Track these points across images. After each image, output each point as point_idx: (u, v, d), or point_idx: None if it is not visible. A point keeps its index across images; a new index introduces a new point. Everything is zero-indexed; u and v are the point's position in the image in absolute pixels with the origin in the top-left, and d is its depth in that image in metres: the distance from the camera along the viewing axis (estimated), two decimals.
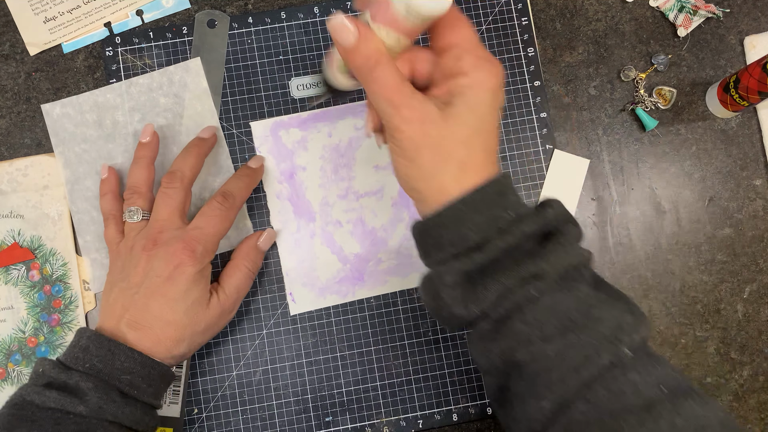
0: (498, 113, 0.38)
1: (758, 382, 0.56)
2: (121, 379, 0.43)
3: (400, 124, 0.37)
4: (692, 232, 0.57)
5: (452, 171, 0.37)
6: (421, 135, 0.37)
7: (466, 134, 0.37)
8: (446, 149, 0.37)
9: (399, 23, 0.36)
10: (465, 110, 0.37)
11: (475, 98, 0.37)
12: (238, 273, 0.50)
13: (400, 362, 0.54)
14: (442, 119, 0.37)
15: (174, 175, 0.49)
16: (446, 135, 0.37)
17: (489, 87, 0.37)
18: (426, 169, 0.37)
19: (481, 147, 0.37)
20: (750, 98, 0.53)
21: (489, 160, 0.38)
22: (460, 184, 0.37)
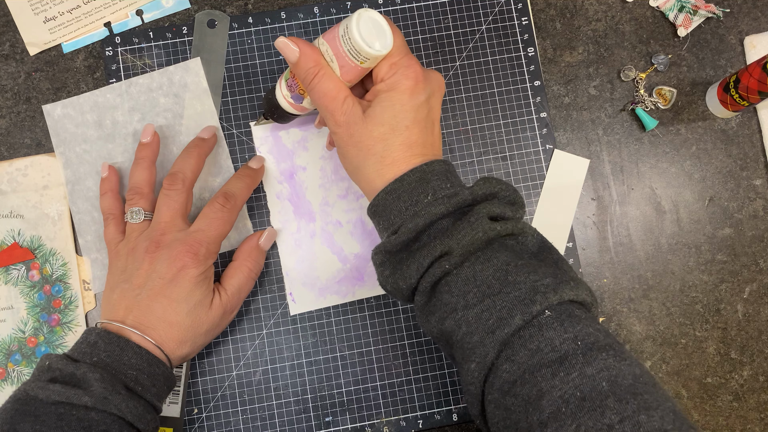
0: (420, 111, 0.42)
1: (758, 382, 0.56)
2: (128, 374, 0.43)
3: (333, 126, 0.43)
4: (692, 232, 0.57)
5: (373, 164, 0.43)
6: (347, 135, 0.43)
7: (381, 132, 0.42)
8: (365, 146, 0.42)
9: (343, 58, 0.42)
10: (380, 111, 0.42)
11: (388, 100, 0.42)
12: (239, 273, 0.50)
13: (400, 362, 0.54)
14: (362, 120, 0.42)
15: (175, 176, 0.49)
16: (365, 134, 0.42)
17: (402, 89, 0.42)
18: (354, 164, 0.44)
19: (400, 142, 0.42)
20: (750, 98, 0.53)
21: (411, 152, 0.42)
22: (382, 176, 0.42)
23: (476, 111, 0.57)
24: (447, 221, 0.41)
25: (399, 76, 0.42)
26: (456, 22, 0.58)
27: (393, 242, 0.41)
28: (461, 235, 0.39)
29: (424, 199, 0.41)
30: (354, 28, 0.40)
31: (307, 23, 0.57)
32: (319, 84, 0.42)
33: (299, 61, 0.43)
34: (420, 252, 0.40)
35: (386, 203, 0.42)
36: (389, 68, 0.42)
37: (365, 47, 0.40)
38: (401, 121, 0.42)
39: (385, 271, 0.42)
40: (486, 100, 0.57)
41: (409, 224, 0.40)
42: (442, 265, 0.39)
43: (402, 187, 0.41)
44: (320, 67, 0.42)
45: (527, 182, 0.57)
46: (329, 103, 0.43)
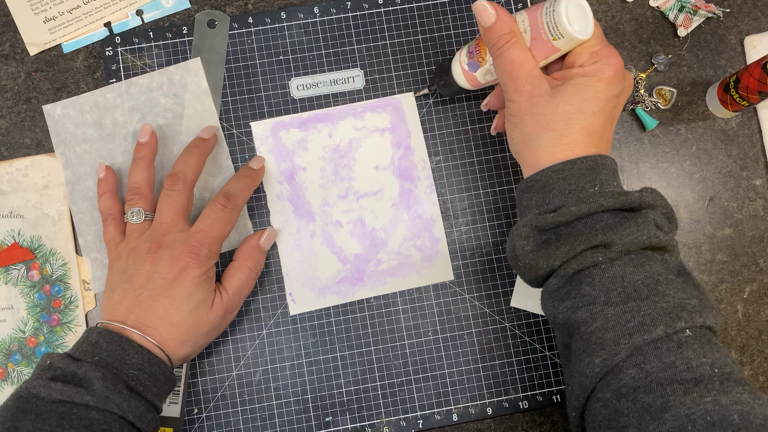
0: (610, 103, 0.43)
1: (758, 382, 0.56)
2: (129, 374, 0.43)
3: (514, 93, 0.43)
4: (692, 232, 0.57)
5: (548, 140, 0.42)
6: (528, 105, 0.42)
7: (567, 110, 0.41)
8: (545, 120, 0.42)
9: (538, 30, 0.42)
10: (571, 90, 0.42)
11: (583, 83, 0.42)
12: (240, 273, 0.50)
13: (400, 362, 0.54)
14: (549, 95, 0.42)
15: (176, 177, 0.49)
16: (549, 108, 0.42)
17: (601, 77, 0.42)
18: (526, 135, 0.43)
19: (582, 126, 0.42)
20: (750, 98, 0.53)
21: (589, 140, 0.42)
22: (553, 153, 0.42)
23: (476, 111, 0.57)
24: (609, 216, 0.40)
25: (601, 65, 0.42)
26: (456, 22, 0.58)
27: (548, 220, 0.40)
28: (626, 233, 0.39)
29: (590, 188, 0.41)
30: (562, 4, 0.40)
31: (307, 23, 0.57)
32: (510, 50, 0.42)
33: (494, 25, 0.42)
34: (574, 237, 0.40)
35: (549, 181, 0.42)
36: (590, 56, 0.42)
37: (566, 23, 0.40)
38: (590, 107, 0.42)
39: (527, 245, 0.41)
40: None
41: (572, 207, 0.40)
42: (594, 255, 0.39)
43: (572, 170, 0.41)
44: (514, 34, 0.42)
45: None
46: (516, 69, 0.42)
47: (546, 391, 0.54)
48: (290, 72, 0.57)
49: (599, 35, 0.43)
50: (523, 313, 0.55)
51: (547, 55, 0.43)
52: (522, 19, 0.43)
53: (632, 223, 0.39)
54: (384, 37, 0.57)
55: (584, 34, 0.41)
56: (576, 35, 0.41)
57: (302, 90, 0.57)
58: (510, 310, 0.55)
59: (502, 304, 0.55)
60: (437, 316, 0.55)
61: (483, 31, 0.44)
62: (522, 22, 0.43)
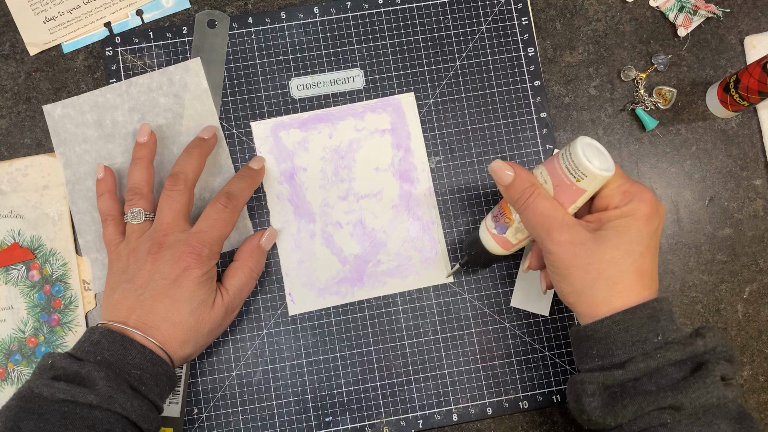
0: (653, 239, 0.42)
1: (758, 382, 0.56)
2: (131, 373, 0.43)
3: (551, 246, 0.41)
4: (692, 232, 0.57)
5: (602, 289, 0.41)
6: (571, 256, 0.41)
7: (615, 255, 0.40)
8: (595, 268, 0.41)
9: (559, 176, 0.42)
10: (614, 234, 0.41)
11: (624, 224, 0.41)
12: (240, 273, 0.50)
13: (400, 362, 0.54)
14: (591, 241, 0.41)
15: (177, 177, 0.49)
16: (595, 256, 0.41)
17: (639, 215, 0.41)
18: (577, 286, 0.42)
19: (632, 269, 0.41)
20: (750, 98, 0.53)
21: (642, 282, 0.41)
22: (610, 302, 0.41)
23: (476, 111, 0.57)
24: (676, 371, 0.39)
25: (636, 203, 0.41)
26: (456, 22, 0.58)
27: (618, 377, 0.39)
28: (696, 395, 0.38)
29: (653, 338, 0.40)
30: (578, 145, 0.41)
31: (307, 23, 0.57)
32: (534, 202, 0.42)
33: (514, 182, 0.43)
34: (644, 397, 0.39)
35: (610, 333, 0.40)
36: (623, 195, 0.42)
37: (585, 162, 0.40)
38: (636, 247, 0.41)
39: (594, 402, 0.40)
40: (486, 100, 0.57)
41: (640, 363, 0.39)
42: (663, 417, 0.38)
43: (632, 320, 0.40)
44: (536, 186, 0.42)
45: None
46: (547, 220, 0.41)
47: (546, 391, 0.54)
48: (290, 72, 0.57)
49: (622, 174, 0.43)
50: (523, 313, 0.55)
51: (574, 198, 0.42)
52: (540, 171, 0.43)
53: (700, 384, 0.38)
54: (384, 37, 0.57)
55: (607, 171, 0.41)
56: (599, 172, 0.41)
57: (302, 90, 0.56)
58: (510, 310, 0.55)
59: (502, 304, 0.55)
60: (437, 316, 0.55)
61: (504, 190, 0.43)
62: (540, 174, 0.43)
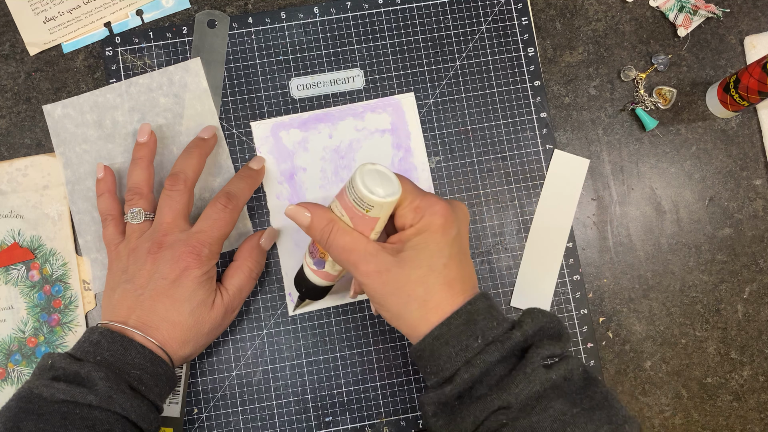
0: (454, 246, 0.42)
1: (758, 382, 0.56)
2: (131, 373, 0.43)
3: (362, 277, 0.42)
4: (692, 232, 0.57)
5: (415, 310, 0.41)
6: (380, 284, 0.41)
7: (419, 275, 0.41)
8: (405, 292, 0.41)
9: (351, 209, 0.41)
10: (414, 254, 0.41)
11: (422, 242, 0.41)
12: (240, 273, 0.50)
13: (400, 362, 0.54)
14: (395, 266, 0.41)
15: (177, 177, 0.49)
16: (402, 279, 0.41)
17: (434, 229, 0.41)
18: (394, 312, 0.42)
19: (439, 282, 0.41)
20: (750, 98, 0.53)
21: (452, 291, 0.42)
22: (427, 320, 0.41)
23: (476, 111, 0.57)
24: (501, 368, 0.40)
25: (428, 217, 0.41)
26: (456, 22, 0.58)
27: (448, 394, 0.40)
28: (518, 390, 0.38)
29: (473, 344, 0.40)
30: (357, 178, 0.40)
31: (307, 23, 0.57)
32: (335, 239, 0.42)
33: (312, 223, 0.43)
34: (475, 405, 0.39)
35: (433, 349, 0.41)
36: (414, 213, 0.42)
37: (368, 194, 0.40)
38: (438, 260, 0.41)
39: (438, 421, 0.41)
40: (486, 100, 0.57)
41: (464, 375, 0.39)
42: (498, 419, 0.39)
43: (450, 332, 0.40)
44: (333, 222, 0.42)
45: (527, 182, 0.57)
46: (350, 255, 0.42)
47: None
48: (290, 72, 0.57)
49: (412, 189, 0.42)
50: None
51: (371, 227, 0.42)
52: (335, 204, 0.43)
53: (521, 376, 0.39)
54: (384, 37, 0.57)
55: (392, 195, 0.40)
56: (383, 200, 0.40)
57: (302, 90, 0.56)
58: (510, 310, 0.55)
59: (502, 303, 0.55)
60: None
61: (306, 231, 0.44)
62: (336, 207, 0.43)
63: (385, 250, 0.42)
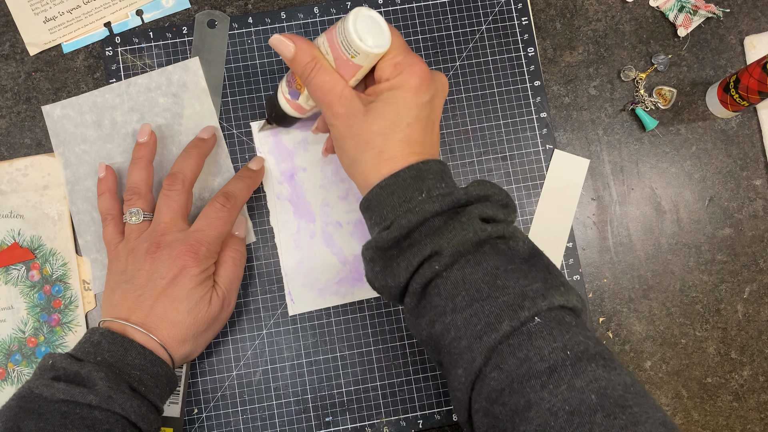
0: (424, 110, 0.43)
1: (758, 382, 0.56)
2: (131, 374, 0.43)
3: (331, 118, 0.43)
4: (692, 232, 0.57)
5: (370, 158, 0.42)
6: (346, 127, 0.43)
7: (382, 126, 0.42)
8: (364, 138, 0.42)
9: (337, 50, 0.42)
10: (382, 106, 0.42)
11: (392, 96, 0.42)
12: (225, 265, 0.50)
13: (400, 362, 0.54)
14: (363, 114, 0.42)
15: (175, 176, 0.49)
16: (365, 127, 0.42)
17: (407, 87, 0.42)
18: (350, 156, 0.43)
19: (400, 138, 0.42)
20: (750, 98, 0.53)
21: (410, 149, 0.42)
22: (378, 170, 0.42)
23: (476, 111, 0.57)
24: (439, 220, 0.40)
25: (405, 75, 0.42)
26: (456, 22, 0.58)
27: (384, 238, 0.40)
28: (452, 235, 0.39)
29: (418, 197, 0.40)
30: (350, 21, 0.40)
31: (307, 23, 0.57)
32: (316, 77, 0.42)
33: (295, 56, 0.43)
34: (410, 250, 0.39)
35: (380, 198, 0.41)
36: (393, 68, 0.42)
37: (357, 41, 0.40)
38: (403, 118, 0.42)
39: (375, 267, 0.41)
40: (486, 100, 0.57)
41: (402, 220, 0.39)
42: (432, 265, 0.39)
43: (397, 183, 0.41)
44: (317, 60, 0.42)
45: (527, 182, 0.56)
46: (326, 95, 0.42)
47: None
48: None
49: (400, 45, 0.43)
50: None
51: (352, 73, 0.42)
52: (322, 41, 0.43)
53: (456, 224, 0.39)
54: None
55: (379, 47, 0.41)
56: (370, 50, 0.40)
57: None
58: None
59: None
60: None
61: (288, 62, 0.44)
62: (323, 44, 0.43)
63: (358, 98, 0.43)
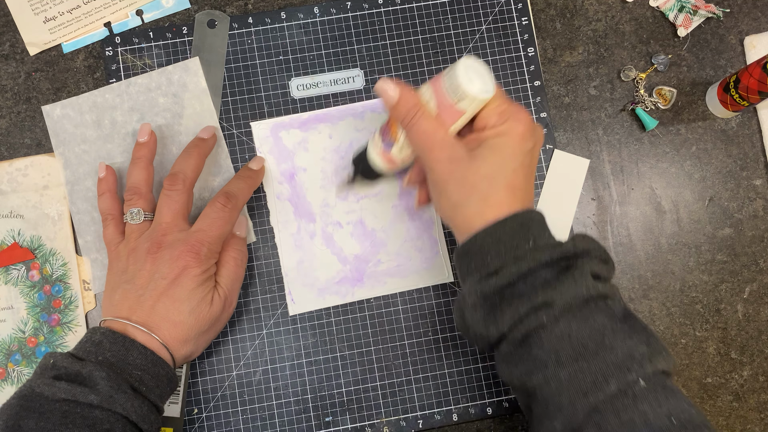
0: (527, 157, 0.43)
1: (758, 382, 0.56)
2: (133, 374, 0.43)
3: (432, 163, 0.43)
4: (692, 232, 0.57)
5: (475, 203, 0.42)
6: (448, 172, 0.43)
7: (488, 171, 0.42)
8: (470, 183, 0.42)
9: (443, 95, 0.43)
10: (488, 151, 0.42)
11: (498, 142, 0.43)
12: (227, 265, 0.50)
13: (400, 362, 0.54)
14: (468, 159, 0.42)
15: (176, 176, 0.49)
16: (470, 172, 0.42)
17: (513, 134, 0.43)
18: (453, 201, 0.43)
19: (504, 184, 0.42)
20: (750, 98, 0.53)
21: (514, 196, 0.42)
22: (483, 216, 0.42)
23: None
24: (548, 272, 0.40)
25: (511, 123, 0.43)
26: (456, 22, 0.58)
27: (493, 285, 0.40)
28: (565, 289, 0.39)
29: (525, 245, 0.40)
30: (460, 68, 0.41)
31: (307, 23, 0.57)
32: (418, 122, 0.43)
33: (399, 101, 0.44)
34: (518, 299, 0.39)
35: (485, 244, 0.41)
36: (499, 116, 0.43)
37: (466, 85, 0.41)
38: (509, 164, 0.42)
39: (476, 313, 0.41)
40: None
41: (511, 268, 0.39)
42: (539, 316, 0.39)
43: (504, 230, 0.41)
44: (420, 106, 0.43)
45: None
46: (427, 139, 0.43)
47: None
48: (290, 72, 0.57)
49: (502, 95, 0.44)
50: None
51: (455, 118, 0.43)
52: (426, 89, 0.44)
53: (569, 279, 0.39)
54: (384, 37, 0.57)
55: (486, 93, 0.42)
56: (478, 94, 0.42)
57: (302, 90, 0.56)
58: None
59: None
60: (437, 316, 0.55)
61: (390, 109, 0.45)
62: (426, 92, 0.44)
63: (460, 143, 0.43)
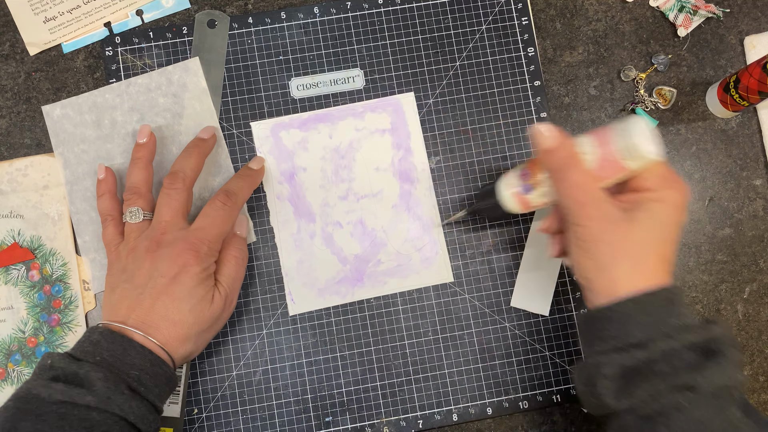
0: (678, 228, 0.42)
1: (758, 382, 0.56)
2: (130, 374, 0.43)
3: (583, 219, 0.41)
4: (692, 232, 0.57)
5: (625, 269, 0.40)
6: (600, 231, 0.41)
7: (644, 238, 0.41)
8: (623, 247, 0.40)
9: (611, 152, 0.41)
10: (646, 217, 0.41)
11: (658, 209, 0.41)
12: (228, 263, 0.50)
13: (400, 362, 0.54)
14: (623, 220, 0.41)
15: (176, 175, 0.49)
16: (625, 235, 0.41)
17: (673, 203, 0.41)
18: (600, 262, 0.41)
19: (657, 253, 0.41)
20: (750, 98, 0.53)
21: (663, 267, 0.41)
22: (631, 283, 0.40)
23: (476, 111, 0.57)
24: (691, 355, 0.39)
25: (672, 191, 0.41)
26: (456, 22, 0.58)
27: (637, 357, 0.39)
28: (711, 374, 0.37)
29: (672, 322, 0.39)
30: (636, 125, 0.40)
31: (307, 23, 0.57)
32: (572, 174, 0.42)
33: (556, 150, 0.42)
34: (659, 378, 0.38)
35: (630, 313, 0.40)
36: (661, 181, 0.42)
37: (644, 145, 0.40)
38: (665, 234, 0.41)
39: (611, 385, 0.39)
40: (486, 100, 0.57)
41: (660, 344, 0.38)
42: (675, 398, 0.38)
43: (653, 302, 0.40)
44: (575, 156, 0.42)
45: None
46: (582, 194, 0.41)
47: (546, 391, 0.54)
48: (290, 72, 0.57)
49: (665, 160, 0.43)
50: (523, 313, 0.55)
51: (614, 174, 0.42)
52: (587, 140, 0.42)
53: (715, 366, 0.38)
54: (384, 37, 0.57)
55: (658, 155, 0.41)
56: (651, 156, 0.40)
57: (302, 90, 0.56)
58: (510, 310, 0.55)
59: (502, 304, 0.55)
60: (437, 316, 0.55)
61: (543, 153, 0.43)
62: (585, 143, 0.42)
63: (614, 202, 0.42)
